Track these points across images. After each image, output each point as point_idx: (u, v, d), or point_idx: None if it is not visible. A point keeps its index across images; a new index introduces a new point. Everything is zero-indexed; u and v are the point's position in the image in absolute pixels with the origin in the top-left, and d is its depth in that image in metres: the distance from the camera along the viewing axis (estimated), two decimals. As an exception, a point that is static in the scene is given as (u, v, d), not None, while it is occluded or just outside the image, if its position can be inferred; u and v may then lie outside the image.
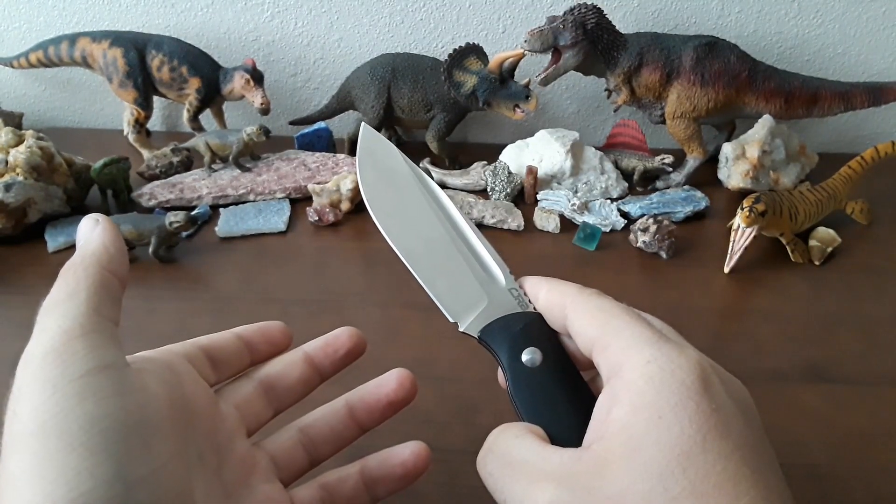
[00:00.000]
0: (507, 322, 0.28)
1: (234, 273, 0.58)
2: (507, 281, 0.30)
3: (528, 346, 0.27)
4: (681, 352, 0.23)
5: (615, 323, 0.25)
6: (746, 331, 0.52)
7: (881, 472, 0.39)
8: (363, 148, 0.33)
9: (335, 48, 0.88)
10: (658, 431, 0.21)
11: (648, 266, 0.60)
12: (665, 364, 0.22)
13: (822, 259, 0.61)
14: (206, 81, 0.79)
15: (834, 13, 0.83)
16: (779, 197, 0.60)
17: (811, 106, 0.74)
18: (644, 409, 0.21)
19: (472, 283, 0.30)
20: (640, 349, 0.23)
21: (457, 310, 0.29)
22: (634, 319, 0.25)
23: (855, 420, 0.43)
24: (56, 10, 0.86)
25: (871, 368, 0.48)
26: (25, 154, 0.61)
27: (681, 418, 0.21)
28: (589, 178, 0.73)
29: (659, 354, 0.23)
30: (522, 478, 0.22)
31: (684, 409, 0.21)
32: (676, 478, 0.20)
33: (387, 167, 0.33)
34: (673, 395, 0.21)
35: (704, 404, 0.21)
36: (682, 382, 0.22)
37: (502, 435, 0.25)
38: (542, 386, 0.26)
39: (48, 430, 0.20)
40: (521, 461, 0.23)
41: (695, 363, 0.22)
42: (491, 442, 0.25)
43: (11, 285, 0.56)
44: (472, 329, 0.29)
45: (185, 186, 0.70)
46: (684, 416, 0.21)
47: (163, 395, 0.24)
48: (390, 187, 0.32)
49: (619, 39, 0.72)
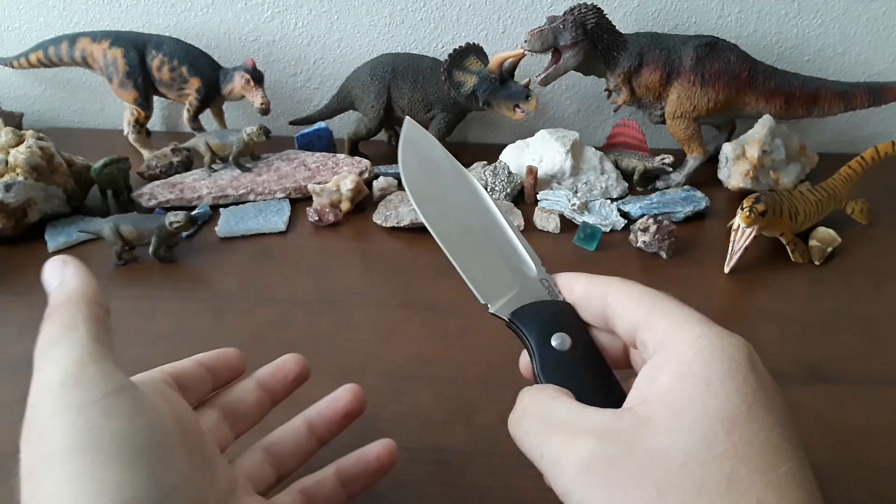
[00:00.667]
0: (538, 308, 0.29)
1: (234, 273, 0.58)
2: (539, 272, 0.31)
3: (558, 331, 0.27)
4: (730, 333, 0.24)
5: (664, 304, 0.25)
6: (746, 331, 0.51)
7: (881, 472, 0.39)
8: (406, 138, 0.35)
9: (335, 48, 0.88)
10: (705, 397, 0.21)
11: (648, 266, 0.60)
12: (715, 339, 0.23)
13: (822, 259, 0.61)
14: (206, 81, 0.79)
15: (834, 13, 0.83)
16: (779, 197, 0.60)
17: (811, 106, 0.74)
18: (692, 376, 0.22)
19: (504, 270, 0.31)
20: (691, 326, 0.24)
21: (488, 293, 0.30)
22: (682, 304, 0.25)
23: (855, 420, 0.43)
24: (56, 11, 0.86)
25: (871, 368, 0.48)
26: (25, 154, 0.61)
27: (728, 388, 0.21)
28: (589, 178, 0.73)
29: (710, 332, 0.23)
30: (561, 433, 0.23)
31: (732, 380, 0.21)
32: (720, 439, 0.20)
33: (428, 157, 0.34)
34: (722, 366, 0.22)
35: (752, 379, 0.22)
36: (732, 357, 0.22)
37: (537, 396, 0.25)
38: (570, 370, 0.26)
39: (82, 447, 0.21)
40: (559, 419, 0.23)
41: (743, 344, 0.23)
42: (525, 403, 0.25)
43: (12, 285, 0.56)
44: (503, 311, 0.29)
45: (186, 186, 0.70)
46: (731, 387, 0.21)
47: (169, 414, 0.25)
48: (431, 175, 0.34)
49: (619, 39, 0.72)
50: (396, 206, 0.67)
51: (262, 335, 0.50)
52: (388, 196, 0.70)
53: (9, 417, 0.41)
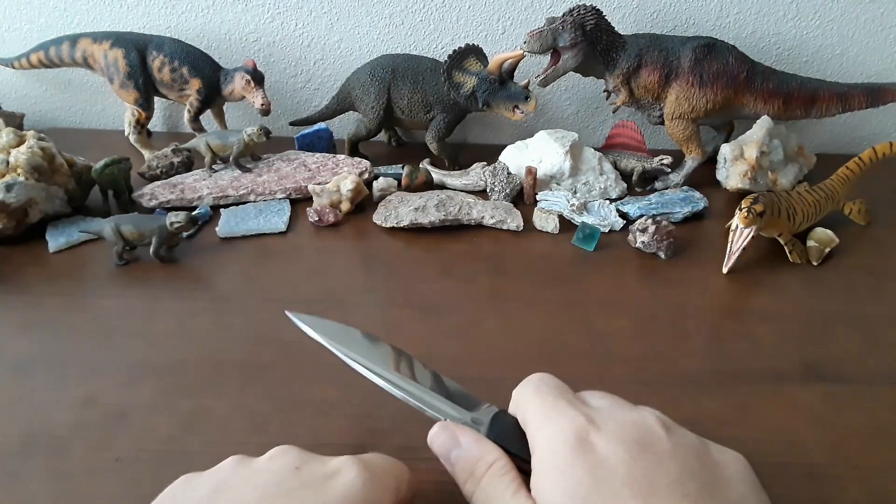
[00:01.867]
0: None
1: (234, 273, 0.58)
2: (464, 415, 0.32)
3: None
4: (560, 413, 0.28)
5: (527, 408, 0.30)
6: (745, 331, 0.52)
7: (879, 472, 0.39)
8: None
9: (335, 49, 0.88)
10: (562, 483, 0.26)
11: (647, 266, 0.61)
12: (556, 429, 0.27)
13: (820, 259, 0.61)
14: (206, 82, 0.79)
15: (832, 14, 0.83)
16: (777, 197, 0.61)
17: (809, 107, 0.75)
18: (548, 470, 0.27)
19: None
20: (539, 423, 0.29)
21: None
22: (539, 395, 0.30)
23: (853, 420, 0.43)
24: (57, 11, 0.86)
25: (870, 368, 0.48)
26: (27, 154, 0.62)
27: (574, 468, 0.26)
28: (588, 179, 0.74)
29: (550, 421, 0.28)
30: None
31: (573, 461, 0.26)
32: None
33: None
34: (564, 451, 0.26)
35: (580, 458, 0.26)
36: (565, 441, 0.27)
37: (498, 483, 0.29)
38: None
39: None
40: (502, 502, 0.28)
41: (567, 424, 0.27)
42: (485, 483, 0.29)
43: (12, 285, 0.56)
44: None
45: (186, 187, 0.70)
46: (577, 465, 0.26)
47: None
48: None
49: (618, 40, 0.72)
50: (396, 207, 0.67)
51: (262, 335, 0.50)
52: (388, 196, 0.70)
53: (9, 417, 0.42)
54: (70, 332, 0.50)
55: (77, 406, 0.42)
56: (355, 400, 0.43)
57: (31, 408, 0.42)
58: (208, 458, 0.30)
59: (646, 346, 0.50)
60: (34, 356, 0.47)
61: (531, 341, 0.50)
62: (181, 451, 0.39)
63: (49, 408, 0.42)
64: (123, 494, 0.36)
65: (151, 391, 0.44)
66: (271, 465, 0.29)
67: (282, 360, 0.47)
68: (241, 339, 0.50)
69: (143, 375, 0.45)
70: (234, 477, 0.28)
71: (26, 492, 0.36)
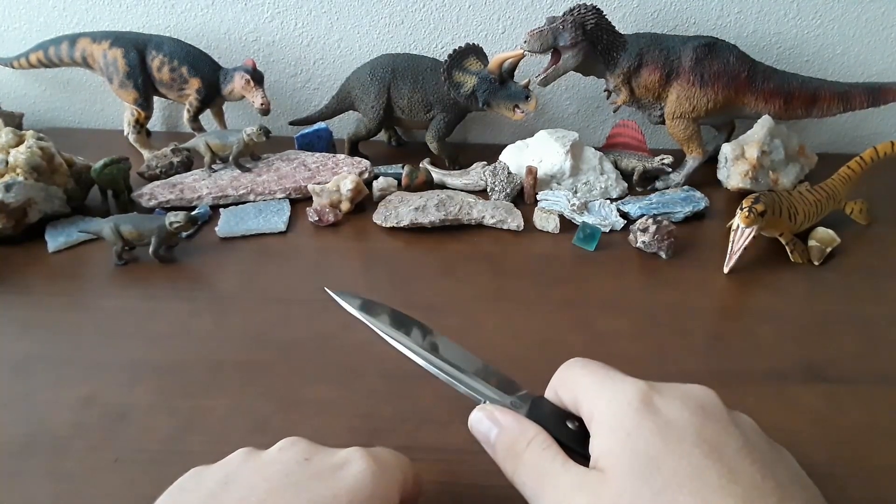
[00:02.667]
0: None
1: (234, 273, 0.58)
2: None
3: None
4: (624, 379, 0.28)
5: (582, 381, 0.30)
6: (745, 331, 0.52)
7: (880, 472, 0.39)
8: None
9: (335, 49, 0.88)
10: (630, 444, 0.25)
11: (648, 266, 0.61)
12: (619, 394, 0.27)
13: (822, 259, 0.61)
14: (206, 82, 0.79)
15: (833, 14, 0.83)
16: (778, 197, 0.60)
17: (810, 106, 0.74)
18: (615, 431, 0.26)
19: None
20: (600, 389, 0.28)
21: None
22: (593, 369, 0.30)
23: (853, 420, 0.43)
24: (56, 11, 0.86)
25: (870, 368, 0.48)
26: (26, 154, 0.62)
27: (643, 430, 0.25)
28: (588, 179, 0.74)
29: (614, 387, 0.28)
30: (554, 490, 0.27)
31: (643, 423, 0.26)
32: (654, 476, 0.24)
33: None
34: (632, 413, 0.26)
35: (650, 419, 0.26)
36: (630, 403, 0.26)
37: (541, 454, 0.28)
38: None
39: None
40: (552, 473, 0.27)
41: (637, 388, 0.27)
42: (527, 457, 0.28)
43: (12, 285, 0.56)
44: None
45: (186, 187, 0.70)
46: (646, 428, 0.25)
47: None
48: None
49: (619, 40, 0.72)
50: (396, 207, 0.67)
51: (262, 335, 0.50)
52: (388, 196, 0.70)
53: (9, 417, 0.41)
54: (70, 332, 0.50)
55: (77, 406, 0.42)
56: (355, 400, 0.43)
57: (31, 408, 0.42)
58: (208, 459, 0.30)
59: (646, 346, 0.49)
60: (34, 356, 0.47)
61: (531, 341, 0.50)
62: (181, 451, 0.39)
63: (49, 408, 0.42)
64: (123, 494, 0.36)
65: (151, 391, 0.44)
66: (280, 456, 0.29)
67: (282, 360, 0.47)
68: (241, 338, 0.50)
69: (143, 375, 0.45)
70: (243, 469, 0.28)
71: (26, 492, 0.36)
